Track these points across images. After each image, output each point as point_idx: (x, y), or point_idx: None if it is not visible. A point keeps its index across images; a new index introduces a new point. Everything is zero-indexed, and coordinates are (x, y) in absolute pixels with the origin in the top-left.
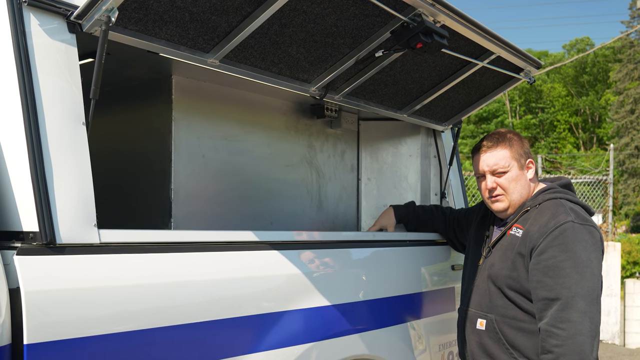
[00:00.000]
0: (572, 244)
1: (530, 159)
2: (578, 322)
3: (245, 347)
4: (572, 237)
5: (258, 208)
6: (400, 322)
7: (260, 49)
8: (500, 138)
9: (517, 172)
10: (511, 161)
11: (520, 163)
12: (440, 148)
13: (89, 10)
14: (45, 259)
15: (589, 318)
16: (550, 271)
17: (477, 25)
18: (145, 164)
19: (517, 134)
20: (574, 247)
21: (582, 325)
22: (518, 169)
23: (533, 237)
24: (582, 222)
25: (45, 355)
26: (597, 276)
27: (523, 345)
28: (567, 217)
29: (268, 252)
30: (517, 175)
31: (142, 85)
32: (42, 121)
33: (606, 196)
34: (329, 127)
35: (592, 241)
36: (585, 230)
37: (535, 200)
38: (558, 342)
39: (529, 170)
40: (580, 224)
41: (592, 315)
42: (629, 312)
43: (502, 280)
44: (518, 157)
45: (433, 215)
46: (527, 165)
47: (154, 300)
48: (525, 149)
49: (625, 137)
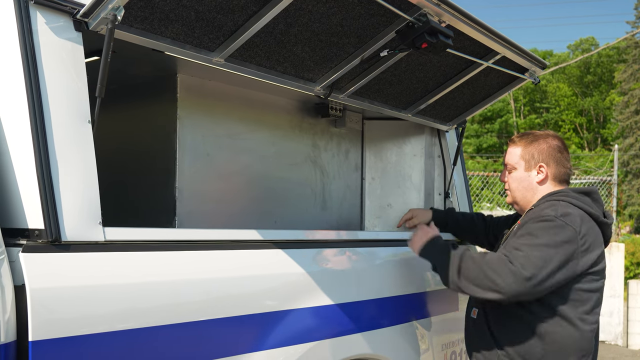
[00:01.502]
0: (537, 230)
1: (543, 165)
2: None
3: (249, 345)
4: (542, 227)
5: (262, 207)
6: (403, 322)
7: (265, 48)
8: (525, 136)
9: (522, 173)
10: (520, 160)
11: (529, 164)
12: (444, 148)
13: (95, 9)
14: (51, 257)
15: (503, 279)
16: (507, 246)
17: (482, 25)
18: (150, 162)
19: (545, 138)
20: (537, 233)
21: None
22: (524, 170)
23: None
24: (564, 222)
25: (50, 352)
26: (544, 261)
27: (505, 338)
28: (551, 213)
29: (272, 250)
30: (521, 175)
31: (147, 83)
32: (48, 119)
33: (610, 197)
34: (334, 126)
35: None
36: (561, 228)
37: (539, 201)
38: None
39: (538, 174)
40: (561, 221)
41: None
42: (632, 313)
43: None
44: (529, 158)
45: (474, 221)
46: (537, 169)
47: (158, 298)
48: (546, 153)
49: (629, 137)
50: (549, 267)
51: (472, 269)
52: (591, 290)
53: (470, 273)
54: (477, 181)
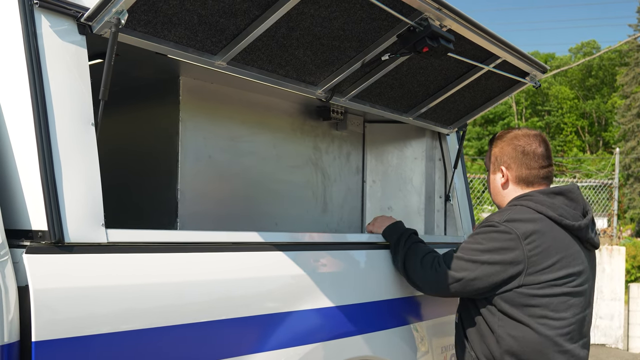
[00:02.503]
0: (479, 235)
1: (502, 167)
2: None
3: (249, 347)
4: (482, 232)
5: (263, 209)
6: (403, 324)
7: (267, 52)
8: (499, 136)
9: (490, 175)
10: (488, 162)
11: (494, 167)
12: (445, 151)
13: (99, 12)
14: (54, 258)
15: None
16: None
17: (483, 29)
18: (152, 164)
19: (515, 138)
20: (477, 236)
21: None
22: (491, 172)
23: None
24: (504, 229)
25: (53, 352)
26: (475, 264)
27: (474, 341)
28: (495, 218)
29: (273, 252)
30: (490, 178)
31: (150, 86)
32: (52, 121)
33: (611, 200)
34: (335, 129)
35: (498, 244)
36: (500, 235)
37: (507, 204)
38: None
39: (501, 177)
40: (503, 227)
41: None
42: (633, 316)
43: None
44: (494, 160)
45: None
46: (500, 171)
47: (160, 299)
48: (508, 155)
49: (631, 140)
50: (479, 271)
51: (411, 265)
52: (549, 295)
53: (409, 269)
54: (478, 184)
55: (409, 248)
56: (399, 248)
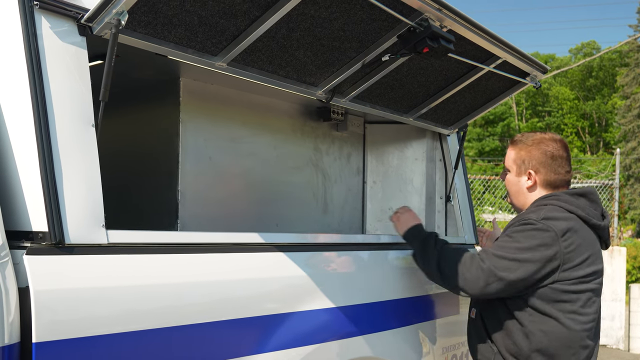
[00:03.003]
0: (515, 233)
1: (531, 171)
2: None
3: (250, 348)
4: (521, 230)
5: (264, 210)
6: (404, 325)
7: (267, 53)
8: (523, 138)
9: (513, 177)
10: (512, 164)
11: (520, 169)
12: (445, 151)
13: (99, 14)
14: (54, 259)
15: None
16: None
17: (484, 30)
18: (153, 165)
19: (542, 143)
20: (515, 235)
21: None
22: (515, 174)
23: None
24: (543, 227)
25: (53, 353)
26: (519, 263)
27: (498, 337)
28: (532, 216)
29: (273, 254)
30: (512, 179)
31: (150, 87)
32: (52, 122)
33: (612, 201)
34: (335, 129)
35: (538, 241)
36: (540, 232)
37: (531, 205)
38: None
39: (529, 180)
40: (542, 225)
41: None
42: (634, 317)
43: None
44: (520, 163)
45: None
46: (527, 175)
47: (160, 301)
48: (537, 159)
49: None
50: (522, 270)
51: (448, 266)
52: (579, 291)
53: (445, 269)
54: (479, 185)
55: (441, 249)
56: (429, 250)
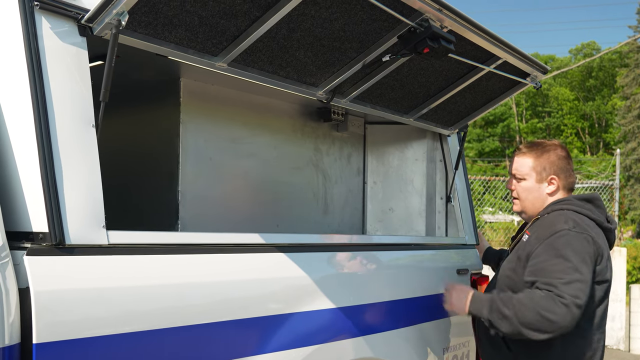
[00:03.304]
0: (563, 249)
1: (554, 177)
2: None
3: (251, 349)
4: (565, 243)
5: (264, 210)
6: (404, 325)
7: (268, 53)
8: (533, 147)
9: (533, 184)
10: (531, 172)
11: (541, 176)
12: (446, 152)
13: (99, 14)
14: (55, 260)
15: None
16: (541, 272)
17: (484, 30)
18: (153, 166)
19: (554, 149)
20: (564, 253)
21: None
22: (535, 181)
23: (532, 243)
24: (580, 231)
25: (53, 354)
26: (585, 282)
27: (517, 343)
28: (565, 225)
29: (274, 254)
30: (532, 186)
31: (151, 87)
32: (53, 123)
33: (612, 201)
34: (336, 130)
35: (587, 249)
36: (582, 238)
37: (545, 210)
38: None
39: (549, 185)
40: (577, 232)
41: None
42: (634, 317)
43: (504, 280)
44: (540, 170)
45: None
46: (549, 181)
47: (161, 301)
48: (557, 165)
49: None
50: (587, 284)
51: (527, 316)
52: (603, 298)
53: (527, 319)
54: (479, 185)
55: (513, 306)
56: (503, 312)
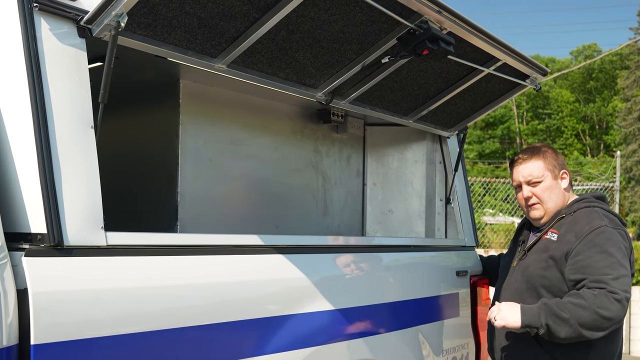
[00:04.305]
0: (606, 245)
1: (565, 170)
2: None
3: (249, 350)
4: (606, 239)
5: (264, 212)
6: (404, 327)
7: (267, 55)
8: (535, 151)
9: (551, 182)
10: (545, 172)
11: (554, 173)
12: (445, 154)
13: (98, 15)
14: (53, 261)
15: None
16: (587, 269)
17: (483, 32)
18: (153, 167)
19: (550, 148)
20: (608, 249)
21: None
22: (552, 179)
23: (570, 241)
24: (615, 227)
25: (51, 355)
26: (629, 276)
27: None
28: (602, 222)
29: (273, 256)
30: (551, 184)
31: (150, 89)
32: (51, 124)
33: (613, 203)
34: (335, 132)
35: (623, 243)
36: (618, 233)
37: (570, 209)
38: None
39: (563, 180)
40: (613, 228)
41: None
42: (635, 319)
43: (537, 280)
44: (552, 168)
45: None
46: (561, 176)
47: (160, 302)
48: (560, 161)
49: (632, 144)
50: (631, 278)
51: (584, 316)
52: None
53: (584, 320)
54: (479, 187)
55: (568, 311)
56: (558, 318)
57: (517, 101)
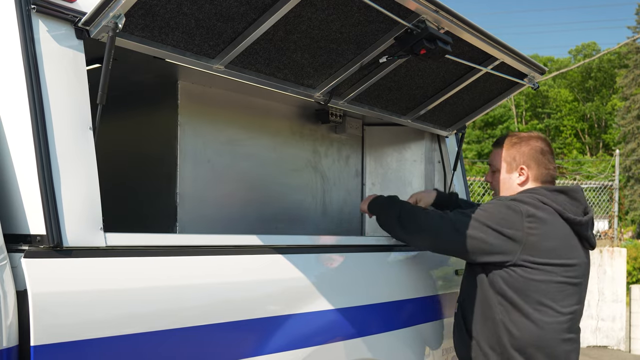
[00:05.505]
0: (485, 204)
1: (523, 167)
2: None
3: (249, 350)
4: (490, 202)
5: (263, 212)
6: (403, 326)
7: (265, 55)
8: (508, 138)
9: (505, 175)
10: (501, 163)
11: (511, 166)
12: (444, 153)
13: (96, 17)
14: (52, 262)
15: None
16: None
17: (481, 31)
18: (151, 168)
19: (530, 140)
20: (484, 206)
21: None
22: (506, 171)
23: None
24: (511, 202)
25: (51, 357)
26: (474, 239)
27: (475, 330)
28: (506, 198)
29: (272, 256)
30: (503, 177)
31: (148, 90)
32: (50, 126)
33: (612, 202)
34: (334, 132)
35: (503, 212)
36: (503, 203)
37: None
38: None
39: (520, 176)
40: (507, 200)
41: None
42: (635, 318)
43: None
44: (510, 160)
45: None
46: (519, 171)
47: (159, 303)
48: (527, 155)
49: (631, 142)
50: (479, 231)
51: (408, 217)
52: (546, 281)
53: (406, 221)
54: (478, 187)
55: (402, 205)
56: (391, 207)
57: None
